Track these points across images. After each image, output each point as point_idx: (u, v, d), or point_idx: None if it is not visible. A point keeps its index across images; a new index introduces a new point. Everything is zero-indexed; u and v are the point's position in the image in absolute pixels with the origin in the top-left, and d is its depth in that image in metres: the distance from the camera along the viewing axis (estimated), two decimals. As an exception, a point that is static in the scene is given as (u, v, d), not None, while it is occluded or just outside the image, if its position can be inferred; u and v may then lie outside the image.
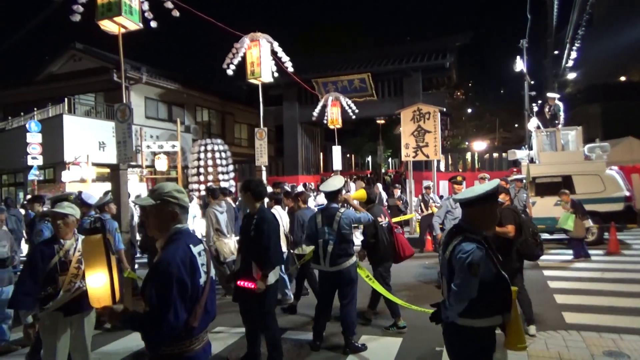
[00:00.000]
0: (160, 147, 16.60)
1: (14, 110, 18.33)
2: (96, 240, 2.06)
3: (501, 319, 2.40)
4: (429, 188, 10.89)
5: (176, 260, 2.10)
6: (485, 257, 2.38)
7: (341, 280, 4.72)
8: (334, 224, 4.67)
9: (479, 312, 2.40)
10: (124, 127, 6.53)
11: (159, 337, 2.05)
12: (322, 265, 4.72)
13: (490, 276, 2.39)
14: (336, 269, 4.65)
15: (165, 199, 2.29)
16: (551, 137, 12.23)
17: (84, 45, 19.25)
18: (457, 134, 32.41)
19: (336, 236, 4.65)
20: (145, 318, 2.04)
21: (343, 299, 4.76)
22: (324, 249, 4.68)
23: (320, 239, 4.72)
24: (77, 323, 3.53)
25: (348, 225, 4.68)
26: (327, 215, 4.76)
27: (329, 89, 18.34)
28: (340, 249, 4.66)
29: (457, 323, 2.46)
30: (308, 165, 21.87)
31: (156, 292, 2.05)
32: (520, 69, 17.12)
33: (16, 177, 17.61)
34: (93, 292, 2.09)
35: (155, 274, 2.11)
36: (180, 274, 2.08)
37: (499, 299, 2.41)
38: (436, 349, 4.58)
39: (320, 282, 4.97)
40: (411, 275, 8.16)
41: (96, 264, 2.08)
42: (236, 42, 9.95)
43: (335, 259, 4.63)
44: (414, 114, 13.20)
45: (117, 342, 5.12)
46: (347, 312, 4.71)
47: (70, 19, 6.41)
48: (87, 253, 2.09)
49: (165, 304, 2.01)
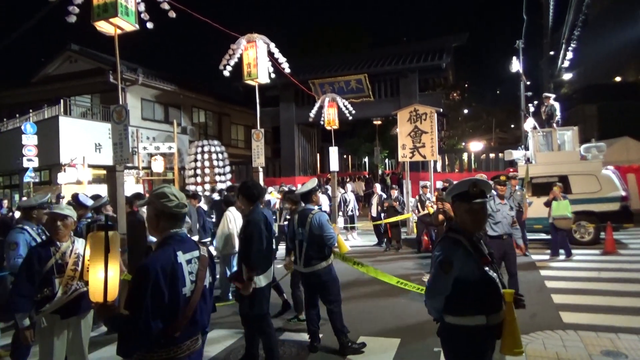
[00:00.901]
0: (156, 148, 16.57)
1: (9, 111, 18.26)
2: (99, 237, 2.06)
3: (485, 320, 2.39)
4: (426, 187, 10.90)
5: (155, 267, 2.06)
6: (464, 256, 2.40)
7: (316, 283, 4.69)
8: (306, 225, 4.66)
9: (461, 310, 2.41)
10: (120, 128, 6.49)
11: (127, 343, 2.04)
12: (298, 265, 4.76)
13: (472, 275, 2.39)
14: (309, 270, 4.65)
15: (153, 200, 2.28)
16: (547, 138, 12.26)
17: (80, 46, 19.20)
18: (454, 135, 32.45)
19: (308, 237, 4.64)
20: (122, 322, 2.03)
21: (325, 302, 4.72)
22: (299, 249, 4.72)
23: (297, 239, 4.76)
24: (74, 326, 3.51)
25: (318, 227, 4.60)
26: (301, 217, 4.78)
27: (326, 90, 18.34)
28: (313, 250, 4.63)
29: (445, 321, 2.48)
30: (305, 166, 21.86)
31: (131, 296, 2.03)
32: (517, 69, 17.20)
33: (12, 180, 17.52)
34: (91, 287, 2.11)
35: (133, 278, 2.10)
36: (157, 281, 2.04)
37: (481, 299, 2.40)
38: (434, 350, 4.57)
39: (301, 282, 5.06)
40: (408, 274, 8.16)
41: (96, 260, 2.09)
42: (233, 43, 9.93)
43: (309, 260, 4.63)
44: (411, 114, 13.21)
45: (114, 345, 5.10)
46: (332, 313, 4.68)
47: (66, 20, 6.37)
48: (91, 248, 2.10)
49: (137, 309, 1.99)
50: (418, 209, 10.68)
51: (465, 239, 2.47)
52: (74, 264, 3.44)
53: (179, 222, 2.31)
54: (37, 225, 4.78)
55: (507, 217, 5.96)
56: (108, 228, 2.09)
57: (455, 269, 2.37)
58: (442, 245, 2.49)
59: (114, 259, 2.10)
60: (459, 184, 2.55)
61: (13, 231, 4.67)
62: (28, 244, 4.53)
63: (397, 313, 5.99)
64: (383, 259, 9.93)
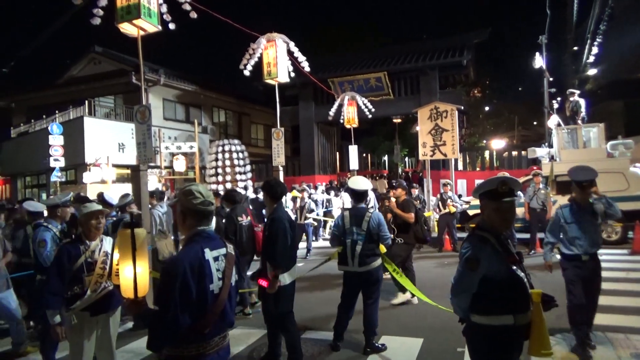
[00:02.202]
0: (178, 148, 16.77)
1: (36, 113, 18.73)
2: (126, 235, 2.10)
3: (512, 320, 2.35)
4: (447, 185, 10.76)
5: (184, 263, 2.10)
6: (491, 254, 2.37)
7: (368, 281, 4.70)
8: (363, 224, 4.65)
9: (488, 309, 2.38)
10: (143, 128, 6.60)
11: (156, 338, 2.07)
12: (350, 266, 4.68)
13: (499, 274, 2.37)
14: (365, 269, 4.63)
15: (180, 198, 2.34)
16: (572, 135, 12.00)
17: (104, 48, 19.56)
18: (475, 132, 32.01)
19: (365, 236, 4.63)
20: (152, 317, 2.07)
21: (368, 298, 4.74)
22: (352, 249, 4.65)
23: (349, 239, 4.69)
24: (103, 323, 3.57)
25: (377, 226, 4.67)
26: (356, 216, 4.74)
27: (345, 89, 18.32)
28: (369, 248, 4.64)
29: (471, 320, 2.46)
30: (324, 165, 21.88)
31: (159, 292, 2.08)
32: (540, 65, 16.85)
33: (39, 179, 17.99)
34: (122, 283, 2.15)
35: (163, 274, 2.14)
36: (185, 276, 2.07)
37: (509, 299, 2.37)
38: (457, 350, 4.52)
39: (346, 283, 4.89)
40: (430, 274, 8.10)
41: (125, 256, 2.13)
42: (253, 42, 10.00)
43: (364, 259, 4.61)
44: (431, 112, 13.10)
45: (142, 340, 5.19)
46: (371, 311, 4.69)
47: (91, 23, 6.50)
48: (120, 245, 2.14)
49: (166, 305, 2.03)
50: (439, 208, 10.58)
51: (493, 237, 2.44)
52: (102, 263, 3.51)
53: (205, 220, 2.33)
54: (61, 223, 4.90)
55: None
56: (134, 226, 2.13)
57: (483, 266, 2.35)
58: (470, 243, 2.47)
59: (142, 256, 2.13)
60: (487, 182, 2.51)
61: (40, 229, 4.80)
62: (55, 241, 4.66)
63: (420, 312, 5.94)
64: (404, 258, 9.85)
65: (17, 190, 19.18)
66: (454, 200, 10.41)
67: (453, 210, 10.23)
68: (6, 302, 4.97)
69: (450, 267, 8.63)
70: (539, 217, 9.60)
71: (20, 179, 19.21)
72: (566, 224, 4.41)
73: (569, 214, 4.42)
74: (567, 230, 4.40)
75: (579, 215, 4.35)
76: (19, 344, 5.08)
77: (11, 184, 19.74)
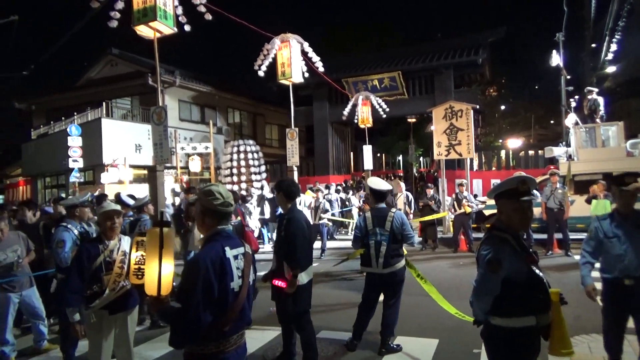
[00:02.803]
0: (193, 148, 16.92)
1: (56, 115, 19.07)
2: (155, 233, 2.13)
3: (535, 320, 2.33)
4: (463, 185, 10.67)
5: (205, 261, 2.13)
6: (512, 255, 2.35)
7: (391, 282, 4.68)
8: (387, 224, 4.63)
9: (509, 311, 2.35)
10: (160, 129, 6.69)
11: (178, 334, 2.10)
12: (374, 267, 4.65)
13: (519, 274, 2.34)
14: (389, 270, 4.60)
15: (200, 197, 2.37)
16: (591, 133, 11.80)
17: (120, 50, 19.83)
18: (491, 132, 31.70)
19: (389, 237, 4.61)
20: (174, 314, 2.10)
21: (389, 299, 4.72)
22: (376, 250, 4.63)
23: (372, 240, 4.66)
24: (122, 321, 3.64)
25: (401, 226, 4.64)
26: (378, 217, 4.72)
27: (359, 88, 18.29)
28: (393, 249, 4.62)
29: (490, 322, 2.43)
30: (339, 165, 21.87)
31: (182, 290, 2.11)
32: (557, 63, 16.61)
33: (58, 180, 18.32)
34: (146, 280, 2.18)
35: (185, 272, 2.18)
36: (207, 274, 2.11)
37: (530, 299, 2.35)
38: (474, 351, 4.49)
39: (369, 284, 4.86)
40: (446, 275, 8.04)
41: (151, 254, 2.15)
42: (267, 43, 10.05)
43: (389, 260, 4.59)
44: (446, 111, 13.00)
45: (160, 337, 5.26)
46: (391, 312, 4.68)
47: (108, 25, 6.61)
48: (148, 243, 2.18)
49: (188, 302, 2.06)
50: (455, 208, 10.49)
51: (511, 237, 2.42)
52: (120, 262, 3.57)
53: (224, 220, 2.36)
54: (79, 223, 4.98)
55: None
56: (163, 225, 2.16)
57: (504, 268, 2.32)
58: (489, 244, 2.43)
59: (168, 255, 2.16)
60: (506, 182, 2.49)
61: (59, 229, 4.88)
62: (74, 241, 4.74)
63: (435, 313, 5.88)
64: (419, 259, 9.81)
65: (37, 191, 19.55)
66: (469, 200, 10.32)
67: (469, 211, 10.14)
68: (29, 300, 5.07)
69: (466, 267, 8.56)
70: (556, 217, 9.47)
71: (41, 180, 19.57)
72: (607, 239, 3.54)
73: (609, 227, 3.55)
74: (608, 247, 3.55)
75: (623, 227, 3.48)
76: (39, 341, 5.19)
77: (32, 184, 20.13)
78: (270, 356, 4.67)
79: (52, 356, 5.00)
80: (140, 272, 3.15)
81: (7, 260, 4.86)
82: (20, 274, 4.98)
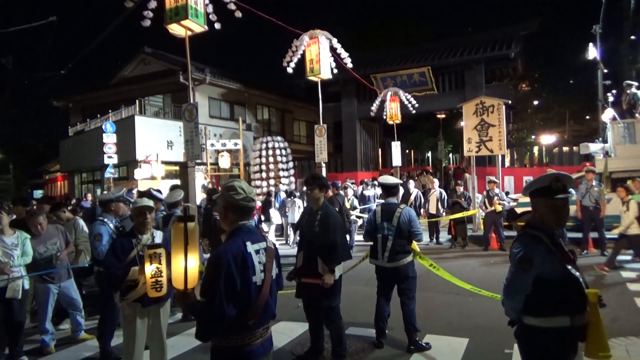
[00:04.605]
0: (223, 145, 17.15)
1: (91, 112, 19.68)
2: (179, 228, 2.18)
3: (569, 321, 2.27)
4: (494, 182, 10.44)
5: (227, 256, 2.17)
6: (545, 254, 2.30)
7: (398, 277, 4.68)
8: (394, 220, 4.63)
9: (543, 310, 2.30)
10: (191, 126, 6.82)
11: (203, 327, 2.15)
12: (380, 260, 4.69)
13: (553, 274, 2.29)
14: (394, 265, 4.62)
15: (223, 193, 2.41)
16: (629, 129, 11.38)
17: (153, 49, 20.25)
18: (523, 128, 30.92)
19: (395, 231, 4.60)
20: (199, 307, 2.15)
21: (402, 295, 4.71)
22: (383, 244, 4.66)
23: (380, 234, 4.69)
24: (154, 313, 3.73)
25: (408, 222, 4.63)
26: (386, 211, 4.73)
27: (388, 84, 18.14)
28: (399, 244, 4.62)
29: (523, 322, 2.38)
30: (367, 161, 21.78)
31: (205, 284, 2.16)
32: (594, 56, 16.06)
33: (94, 175, 18.91)
34: (173, 275, 2.23)
35: (207, 266, 2.21)
36: (230, 268, 2.14)
37: (564, 299, 2.29)
38: (505, 352, 4.41)
39: (378, 277, 4.92)
40: (477, 274, 7.92)
41: (177, 250, 2.20)
42: (295, 39, 10.07)
43: (394, 255, 4.60)
44: (477, 107, 12.73)
45: (192, 330, 5.37)
46: (408, 309, 4.65)
47: (141, 25, 6.77)
48: (173, 237, 2.22)
49: (211, 295, 2.10)
50: (485, 205, 10.29)
51: (546, 236, 2.36)
52: None
53: (246, 215, 2.40)
54: (115, 218, 5.13)
55: None
56: (188, 220, 2.21)
57: (536, 266, 2.27)
58: (522, 242, 2.39)
59: (193, 249, 2.20)
60: (540, 179, 2.43)
61: (95, 223, 5.05)
62: (110, 235, 4.89)
63: (466, 311, 5.83)
64: (448, 256, 9.70)
65: (74, 186, 20.23)
66: (500, 198, 10.10)
67: (499, 209, 9.93)
68: (67, 291, 5.27)
69: (497, 266, 8.40)
70: (591, 215, 9.18)
71: (77, 175, 20.24)
72: None
73: None
74: None
75: None
76: (77, 331, 5.38)
77: (69, 179, 20.84)
78: (298, 351, 4.70)
79: (88, 345, 5.17)
80: (158, 284, 3.28)
81: (47, 253, 5.07)
82: (59, 266, 5.17)
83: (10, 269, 4.62)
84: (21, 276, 4.73)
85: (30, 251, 4.88)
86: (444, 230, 11.88)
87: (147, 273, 3.24)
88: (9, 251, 4.68)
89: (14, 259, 4.68)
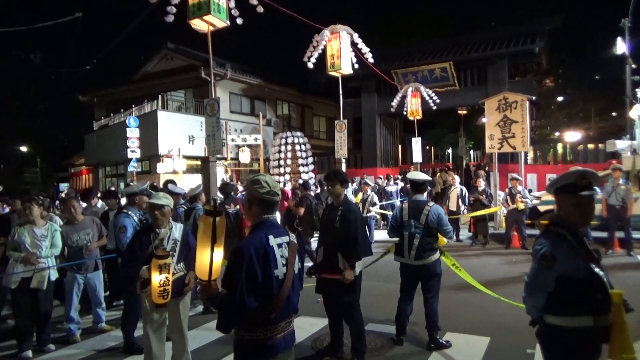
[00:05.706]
0: (243, 140, 17.28)
1: (115, 107, 20.02)
2: (208, 222, 2.22)
3: (592, 321, 2.23)
4: (516, 180, 10.23)
5: (249, 249, 2.19)
6: (569, 251, 2.26)
7: (424, 274, 4.64)
8: (422, 217, 4.57)
9: (564, 309, 2.27)
10: (213, 121, 6.88)
11: (224, 319, 2.19)
12: (407, 258, 4.64)
13: (577, 272, 2.25)
14: (421, 262, 4.57)
15: (247, 186, 2.45)
16: (659, 126, 11.07)
17: (175, 45, 20.47)
18: (547, 124, 30.31)
19: (423, 229, 4.55)
20: (221, 299, 2.19)
21: (426, 292, 4.67)
22: (409, 242, 4.60)
23: (406, 231, 4.63)
24: (174, 306, 3.77)
25: (437, 220, 4.57)
26: (414, 209, 4.67)
27: (409, 80, 17.99)
28: (427, 242, 4.56)
29: (545, 321, 2.35)
30: (387, 157, 21.67)
31: (227, 276, 2.19)
32: (622, 51, 15.63)
33: (117, 169, 19.26)
34: (197, 266, 2.28)
35: (230, 259, 2.24)
36: (251, 261, 2.17)
37: (587, 298, 2.25)
38: (527, 351, 4.35)
39: (402, 274, 4.87)
40: (498, 272, 7.83)
41: (203, 241, 2.24)
42: (316, 34, 10.05)
43: (421, 253, 4.55)
44: (500, 103, 12.53)
45: (213, 323, 5.45)
46: (431, 306, 4.62)
47: (164, 20, 6.85)
48: (201, 230, 2.26)
49: (233, 287, 2.13)
50: (508, 203, 10.12)
51: (570, 233, 2.32)
52: (171, 250, 3.70)
53: (270, 209, 2.42)
54: (139, 211, 5.22)
55: None
56: (216, 214, 2.24)
57: (559, 264, 2.24)
58: (545, 239, 2.35)
59: (219, 243, 2.24)
60: (565, 176, 2.39)
61: (120, 215, 5.14)
62: (134, 227, 4.98)
63: (487, 310, 5.76)
64: (469, 254, 9.59)
65: (98, 179, 20.66)
66: (523, 195, 9.92)
67: (522, 207, 9.74)
68: (92, 283, 5.37)
69: (519, 264, 8.28)
70: (617, 214, 8.95)
71: (102, 169, 20.66)
72: None
73: None
74: None
75: None
76: (97, 322, 5.51)
77: (94, 173, 21.29)
78: (318, 346, 4.72)
79: (112, 335, 5.29)
80: (165, 292, 3.38)
81: (78, 243, 5.17)
82: (88, 257, 5.28)
83: (38, 259, 4.74)
84: (47, 267, 4.84)
85: (59, 243, 5.00)
86: (464, 228, 11.75)
87: (155, 282, 3.31)
88: (37, 242, 4.80)
89: (41, 250, 4.80)
